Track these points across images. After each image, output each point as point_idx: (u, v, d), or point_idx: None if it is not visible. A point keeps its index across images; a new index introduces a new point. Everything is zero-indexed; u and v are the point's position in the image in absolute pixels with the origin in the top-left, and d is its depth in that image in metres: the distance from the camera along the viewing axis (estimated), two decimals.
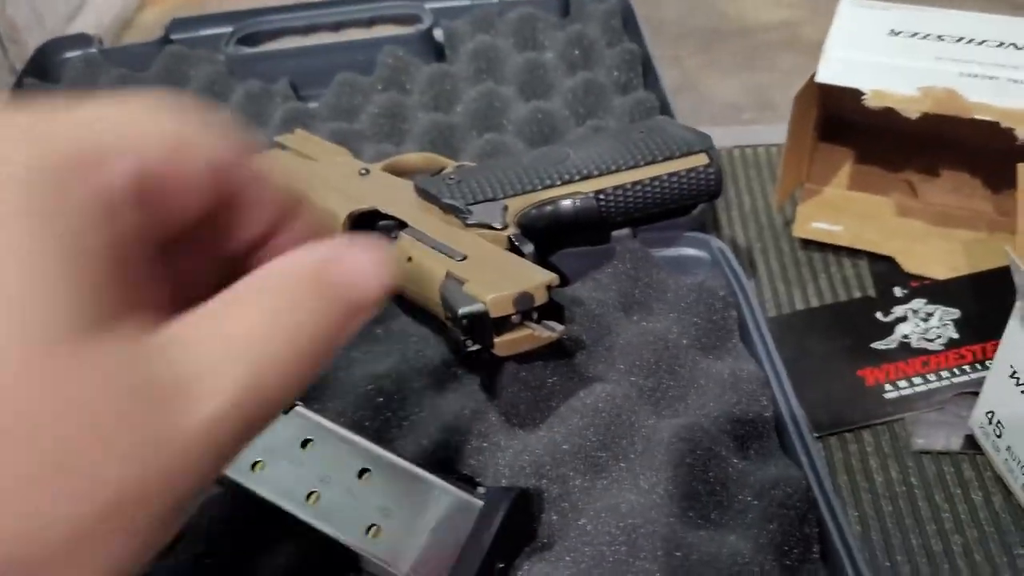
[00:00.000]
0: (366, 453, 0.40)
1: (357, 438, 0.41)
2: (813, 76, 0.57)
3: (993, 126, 0.52)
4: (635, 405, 0.46)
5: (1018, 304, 0.43)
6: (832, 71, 0.57)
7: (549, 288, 0.42)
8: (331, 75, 0.75)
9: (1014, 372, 0.45)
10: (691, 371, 0.49)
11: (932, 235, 0.61)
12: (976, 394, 0.49)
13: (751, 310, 0.51)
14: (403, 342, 0.51)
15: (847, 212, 0.63)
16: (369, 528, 0.38)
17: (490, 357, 0.45)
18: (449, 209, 0.50)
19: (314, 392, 0.48)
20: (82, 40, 0.80)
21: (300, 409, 0.41)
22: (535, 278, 0.42)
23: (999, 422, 0.47)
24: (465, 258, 0.45)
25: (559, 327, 0.43)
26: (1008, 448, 0.47)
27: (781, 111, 0.69)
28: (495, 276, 0.43)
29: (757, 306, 0.51)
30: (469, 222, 0.49)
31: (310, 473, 0.40)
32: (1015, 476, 0.46)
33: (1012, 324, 0.44)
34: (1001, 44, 0.56)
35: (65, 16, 1.99)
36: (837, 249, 0.62)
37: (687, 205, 0.55)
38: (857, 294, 0.59)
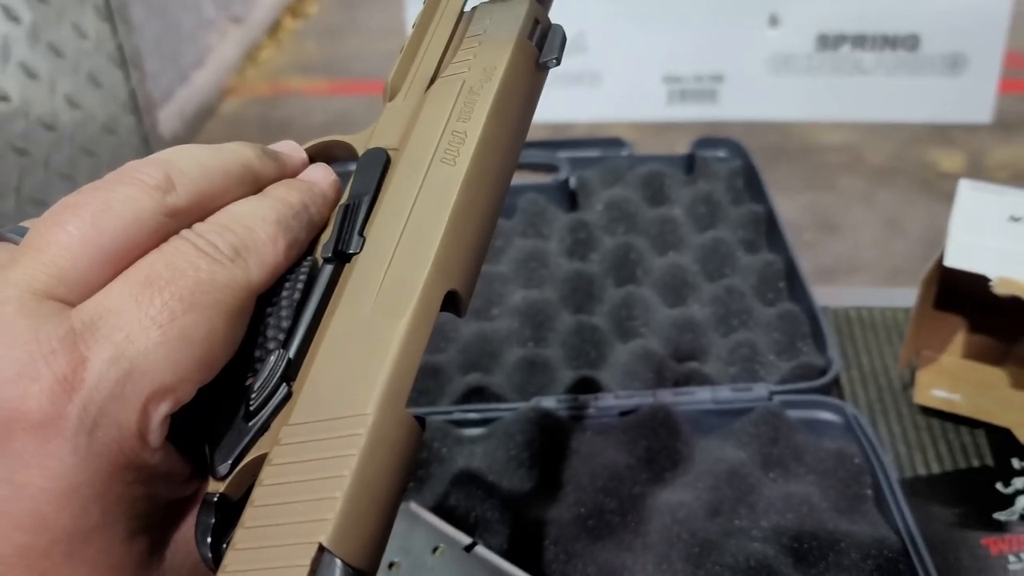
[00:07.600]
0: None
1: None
2: (940, 259, 0.62)
3: None
4: (783, 566, 0.50)
5: None
6: (960, 256, 0.61)
7: None
8: None
9: None
10: (831, 535, 0.53)
11: None
12: None
13: (887, 480, 0.55)
14: None
15: (965, 381, 0.67)
16: None
17: None
18: None
19: None
20: None
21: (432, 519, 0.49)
22: None
23: None
24: None
25: None
26: None
27: (842, 233, 0.74)
28: None
29: (894, 476, 0.55)
30: None
31: None
32: None
33: None
34: None
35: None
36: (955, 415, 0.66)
37: None
38: (975, 462, 0.63)
